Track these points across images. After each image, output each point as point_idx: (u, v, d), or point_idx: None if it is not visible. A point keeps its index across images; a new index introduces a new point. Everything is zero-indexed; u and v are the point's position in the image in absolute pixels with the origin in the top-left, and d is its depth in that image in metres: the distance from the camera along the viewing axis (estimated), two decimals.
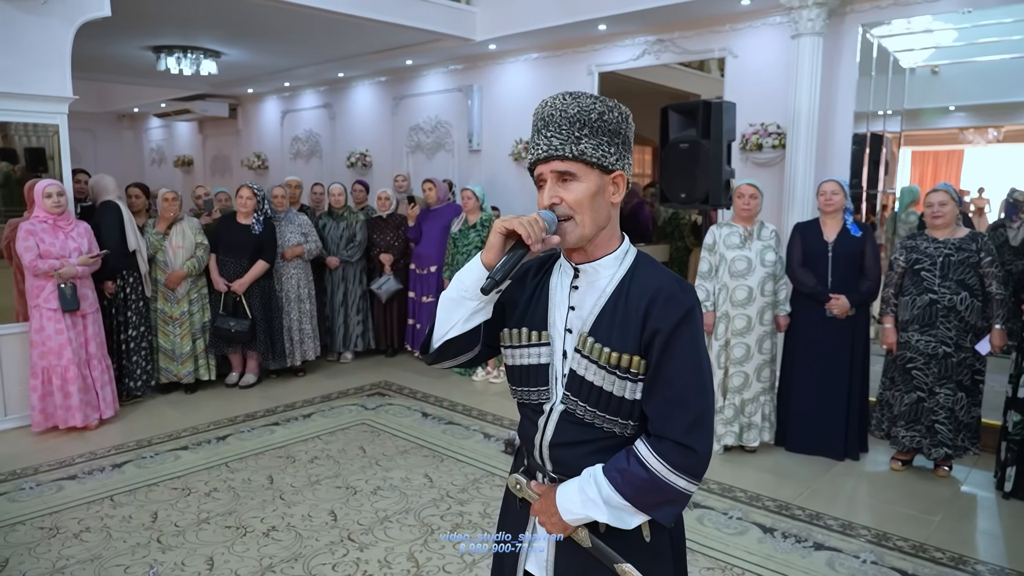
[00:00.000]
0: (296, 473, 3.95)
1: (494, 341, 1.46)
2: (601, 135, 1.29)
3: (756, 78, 5.64)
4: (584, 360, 1.32)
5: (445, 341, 1.37)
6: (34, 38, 4.38)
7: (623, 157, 1.34)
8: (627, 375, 1.29)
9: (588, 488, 1.30)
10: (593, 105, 1.30)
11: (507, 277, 1.27)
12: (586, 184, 1.29)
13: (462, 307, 1.33)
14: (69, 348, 4.38)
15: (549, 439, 1.38)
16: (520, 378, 1.43)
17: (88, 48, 6.98)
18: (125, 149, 13.95)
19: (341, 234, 6.04)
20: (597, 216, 1.31)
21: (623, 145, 1.33)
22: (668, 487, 1.26)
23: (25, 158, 4.66)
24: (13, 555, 3.08)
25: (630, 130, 1.36)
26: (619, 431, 1.34)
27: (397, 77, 8.62)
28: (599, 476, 1.30)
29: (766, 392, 4.20)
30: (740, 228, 4.12)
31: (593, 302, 1.35)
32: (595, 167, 1.30)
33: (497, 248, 1.28)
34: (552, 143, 1.29)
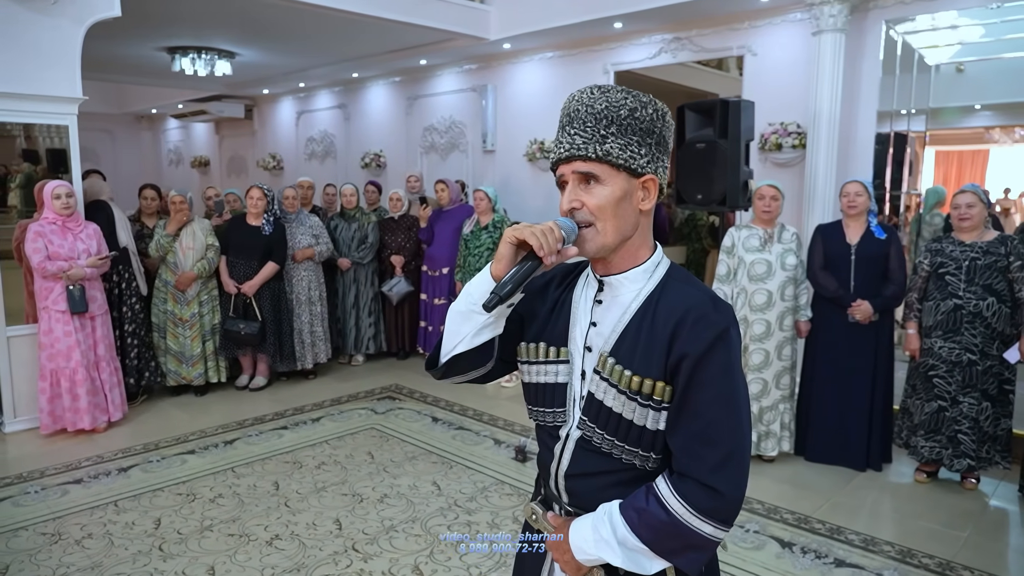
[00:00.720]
0: (302, 479, 3.88)
1: (510, 356, 1.34)
2: (631, 134, 1.16)
3: (776, 76, 5.50)
4: (603, 383, 1.20)
5: (453, 356, 1.25)
6: (44, 39, 4.36)
7: (656, 159, 1.19)
8: (649, 402, 1.16)
9: (602, 527, 1.18)
10: (624, 100, 1.17)
11: (514, 292, 1.14)
12: (611, 188, 1.16)
13: (470, 321, 1.21)
14: (78, 350, 4.36)
15: (565, 468, 1.27)
16: (536, 397, 1.31)
17: (103, 49, 7.00)
18: (143, 150, 14.05)
19: (353, 236, 5.98)
20: (622, 224, 1.18)
21: (657, 146, 1.19)
22: (690, 532, 1.12)
23: (47, 159, 4.65)
24: (13, 562, 3.04)
25: (667, 130, 1.21)
26: (640, 464, 1.20)
27: (411, 77, 8.56)
28: (615, 514, 1.18)
29: (785, 400, 4.07)
30: (760, 230, 3.99)
31: (616, 319, 1.22)
32: (622, 169, 1.17)
33: (507, 259, 1.15)
34: (575, 142, 1.17)
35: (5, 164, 4.73)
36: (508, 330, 1.30)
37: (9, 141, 4.63)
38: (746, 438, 1.14)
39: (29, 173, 4.64)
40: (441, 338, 1.27)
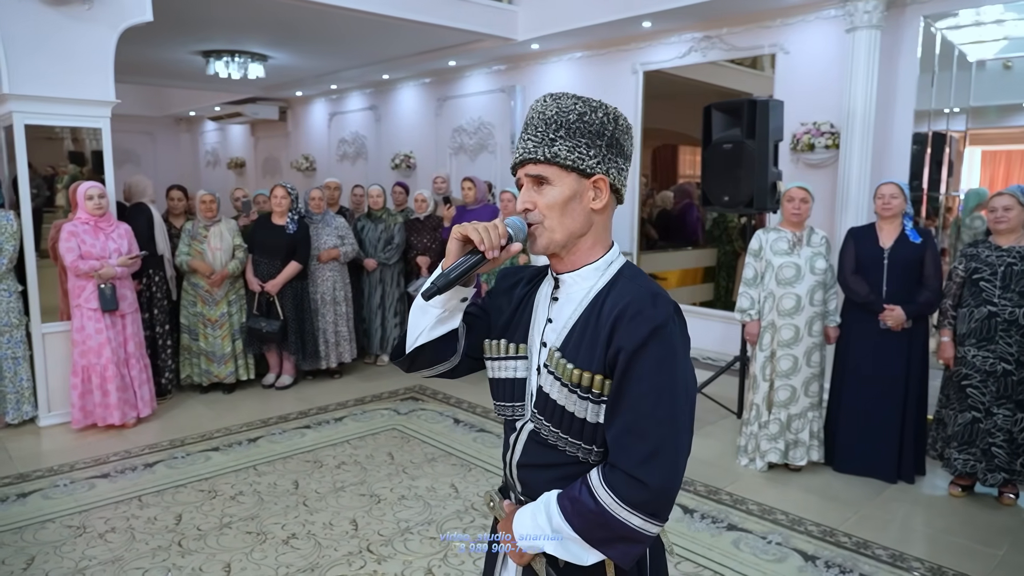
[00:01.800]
0: (322, 479, 3.90)
1: (478, 353, 1.40)
2: (579, 137, 1.21)
3: (808, 75, 5.37)
4: (550, 377, 1.24)
5: (415, 348, 1.32)
6: (79, 44, 4.46)
7: (607, 160, 1.24)
8: (588, 395, 1.19)
9: (539, 515, 1.23)
10: (573, 106, 1.22)
11: (452, 284, 1.20)
12: (560, 188, 1.22)
13: (427, 314, 1.29)
14: (108, 347, 4.45)
15: (517, 459, 1.32)
16: (498, 392, 1.37)
17: (140, 53, 7.16)
18: (182, 151, 14.35)
19: (379, 236, 6.01)
20: (570, 223, 1.23)
21: (608, 148, 1.24)
22: (618, 523, 1.14)
23: (92, 160, 4.76)
24: (39, 553, 3.10)
25: (620, 132, 1.25)
26: (583, 456, 1.24)
27: (441, 78, 8.58)
28: (551, 503, 1.22)
29: (814, 408, 3.95)
30: (788, 233, 3.89)
31: (568, 315, 1.26)
32: (571, 171, 1.22)
33: (453, 254, 1.22)
34: (527, 146, 1.24)
35: (53, 165, 4.86)
36: (476, 328, 1.38)
37: (57, 143, 4.76)
38: (680, 433, 1.15)
39: (75, 174, 4.76)
40: (406, 331, 1.33)
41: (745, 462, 4.05)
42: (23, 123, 4.36)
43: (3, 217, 4.42)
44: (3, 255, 4.38)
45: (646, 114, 6.67)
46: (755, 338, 3.97)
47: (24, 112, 4.35)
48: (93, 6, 4.46)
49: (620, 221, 6.86)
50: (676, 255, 7.41)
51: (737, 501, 3.62)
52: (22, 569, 2.97)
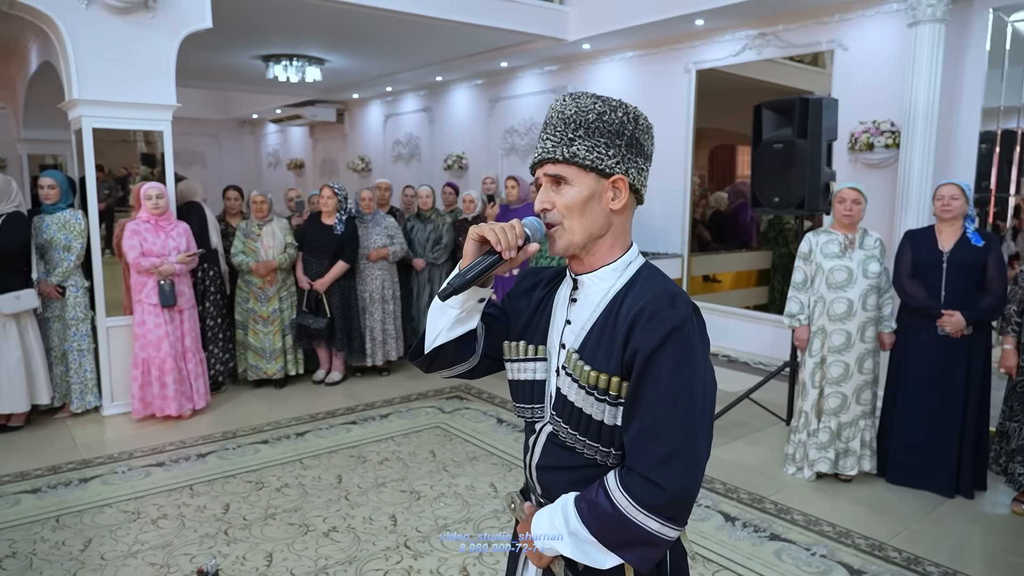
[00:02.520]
0: (364, 474, 3.97)
1: (497, 354, 1.40)
2: (598, 136, 1.20)
3: (868, 72, 5.19)
4: (568, 379, 1.23)
5: (433, 348, 1.32)
6: (142, 50, 4.66)
7: (627, 160, 1.22)
8: (606, 397, 1.18)
9: (556, 517, 1.22)
10: (592, 105, 1.21)
11: (469, 284, 1.20)
12: (578, 188, 1.21)
13: (445, 315, 1.29)
14: (167, 341, 4.63)
15: (536, 461, 1.32)
16: (517, 394, 1.36)
17: (203, 58, 7.43)
18: (245, 153, 14.84)
19: (428, 236, 6.08)
20: (589, 223, 1.22)
21: (628, 147, 1.22)
22: (635, 526, 1.13)
23: (162, 162, 4.97)
24: (96, 536, 3.26)
25: (640, 132, 1.24)
26: (600, 459, 1.23)
27: (493, 80, 8.63)
28: (568, 505, 1.21)
29: (866, 416, 3.81)
30: (840, 235, 3.76)
31: (586, 317, 1.25)
32: (590, 170, 1.21)
33: (470, 255, 1.22)
34: (546, 146, 1.23)
35: (126, 167, 5.10)
36: (495, 329, 1.38)
37: (131, 146, 5.00)
38: (698, 435, 1.13)
39: (145, 175, 4.98)
40: (425, 331, 1.33)
41: (792, 471, 3.93)
42: (91, 127, 4.58)
43: (73, 216, 4.65)
44: (71, 252, 4.61)
45: (700, 114, 6.56)
46: (804, 344, 3.86)
47: (92, 116, 4.57)
48: (156, 14, 4.65)
49: (670, 222, 6.77)
50: (729, 257, 7.26)
51: (782, 510, 3.52)
52: (79, 550, 3.12)
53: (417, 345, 1.36)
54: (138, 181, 4.91)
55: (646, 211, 7.01)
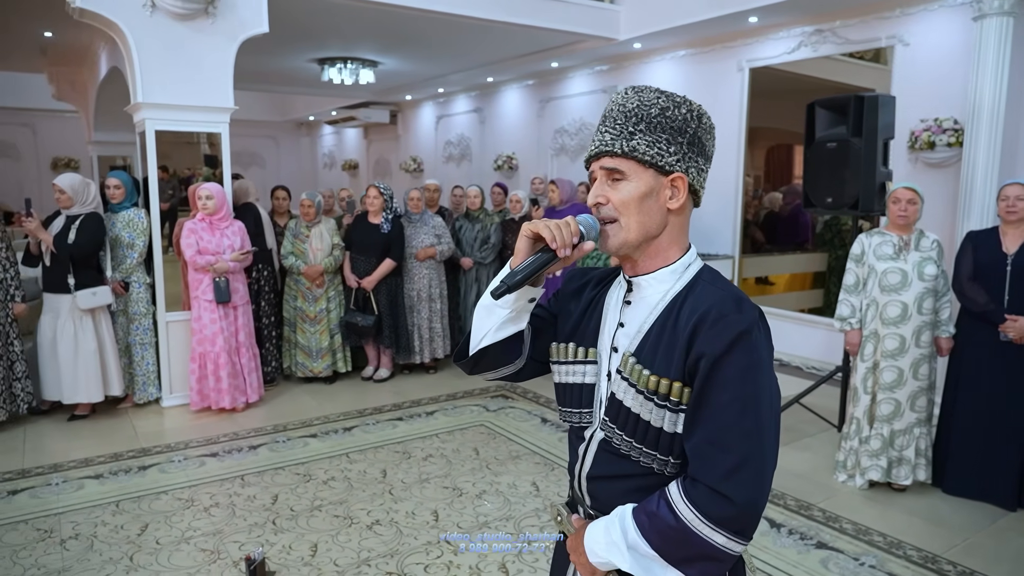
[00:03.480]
0: (409, 469, 4.03)
1: (543, 356, 1.35)
2: (660, 132, 1.16)
3: (930, 68, 5.01)
4: (623, 382, 1.18)
5: (479, 349, 1.28)
6: (202, 54, 4.83)
7: (687, 159, 1.18)
8: (666, 403, 1.13)
9: (613, 530, 1.16)
10: (655, 100, 1.17)
11: (523, 283, 1.16)
12: (636, 184, 1.16)
13: (493, 314, 1.25)
14: (221, 336, 4.79)
15: (587, 470, 1.26)
16: (565, 398, 1.31)
17: (261, 62, 7.65)
18: (302, 154, 15.21)
19: (476, 236, 6.13)
20: (645, 221, 1.17)
21: (689, 145, 1.18)
22: (700, 540, 1.07)
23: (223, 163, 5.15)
24: (152, 521, 3.40)
25: (703, 131, 1.20)
26: (658, 468, 1.17)
27: (543, 80, 8.64)
28: (627, 518, 1.15)
29: (922, 424, 3.68)
30: (894, 237, 3.64)
31: (643, 319, 1.20)
32: (649, 166, 1.16)
33: (523, 252, 1.18)
34: (604, 138, 1.18)
35: (191, 168, 5.31)
36: (542, 330, 1.33)
37: (195, 147, 5.21)
38: (766, 445, 1.08)
39: (207, 176, 5.17)
40: (471, 331, 1.30)
41: (843, 478, 3.83)
42: (153, 129, 4.77)
43: (136, 215, 4.86)
44: (134, 250, 4.81)
45: (754, 113, 6.44)
46: (856, 348, 3.75)
47: (154, 119, 4.76)
48: (216, 20, 4.82)
49: (721, 223, 6.66)
50: (782, 259, 7.10)
51: (830, 518, 3.43)
52: (136, 535, 3.26)
53: (462, 346, 1.32)
54: (199, 181, 5.09)
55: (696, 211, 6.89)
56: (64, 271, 4.50)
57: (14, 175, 11.91)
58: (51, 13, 5.68)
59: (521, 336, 1.29)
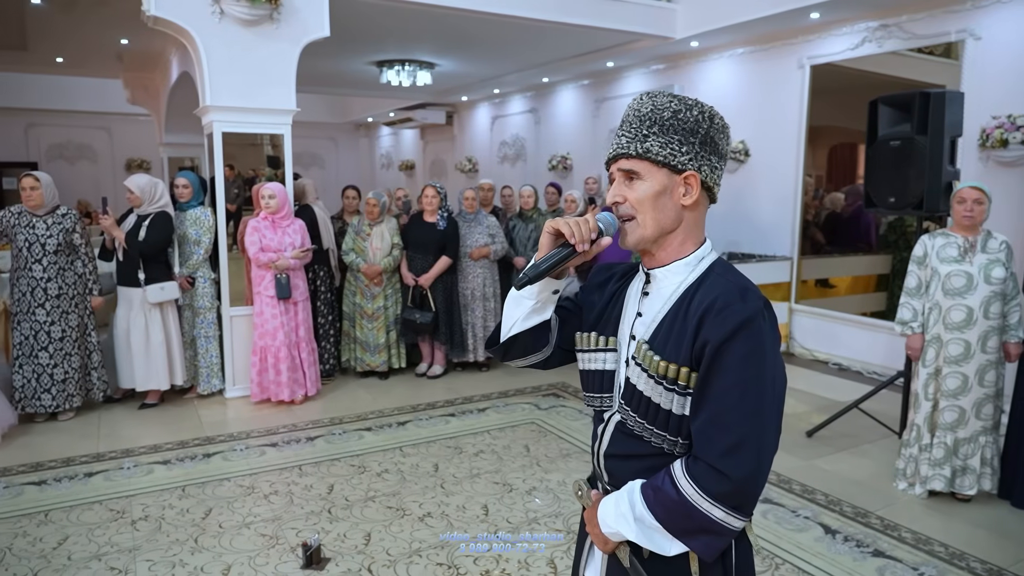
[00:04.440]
0: (460, 464, 4.10)
1: (570, 345, 1.45)
2: (672, 133, 1.24)
3: (1003, 63, 4.81)
4: (637, 368, 1.27)
5: (509, 337, 1.40)
6: (266, 58, 5.00)
7: (699, 157, 1.25)
8: (674, 387, 1.21)
9: (622, 503, 1.26)
10: (668, 103, 1.25)
11: (543, 275, 1.27)
12: (650, 183, 1.25)
13: (520, 305, 1.36)
14: (282, 331, 4.96)
15: (604, 449, 1.36)
16: (588, 383, 1.41)
17: (322, 65, 7.86)
18: (360, 155, 15.53)
19: (529, 235, 6.17)
20: (661, 217, 1.25)
21: (702, 145, 1.25)
22: (701, 514, 1.16)
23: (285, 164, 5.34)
24: (215, 506, 3.55)
25: (716, 131, 1.27)
26: (668, 448, 1.26)
27: (599, 80, 8.62)
28: (635, 492, 1.25)
29: (987, 432, 3.54)
30: (959, 238, 3.52)
31: (658, 309, 1.29)
32: (662, 166, 1.24)
33: (545, 247, 1.29)
34: (621, 141, 1.28)
35: (254, 168, 5.52)
36: (568, 321, 1.44)
37: (259, 148, 5.40)
38: (766, 427, 1.15)
39: (270, 176, 5.36)
40: (501, 320, 1.41)
41: (903, 486, 3.71)
42: (220, 130, 4.97)
43: (203, 213, 5.07)
44: (200, 247, 5.02)
45: (816, 111, 6.29)
46: (917, 353, 3.64)
47: (221, 121, 4.96)
48: (280, 25, 4.98)
49: (779, 224, 6.53)
50: (843, 261, 6.90)
51: (888, 527, 3.34)
52: (201, 518, 3.41)
53: (493, 333, 1.43)
54: (262, 181, 5.28)
55: (753, 212, 6.79)
56: (135, 267, 4.73)
57: (92, 175, 12.55)
58: (128, 21, 5.97)
59: (548, 326, 1.40)
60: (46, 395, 4.60)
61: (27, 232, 4.50)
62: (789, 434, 4.37)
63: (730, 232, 6.86)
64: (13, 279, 4.59)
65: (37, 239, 4.51)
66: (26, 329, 4.55)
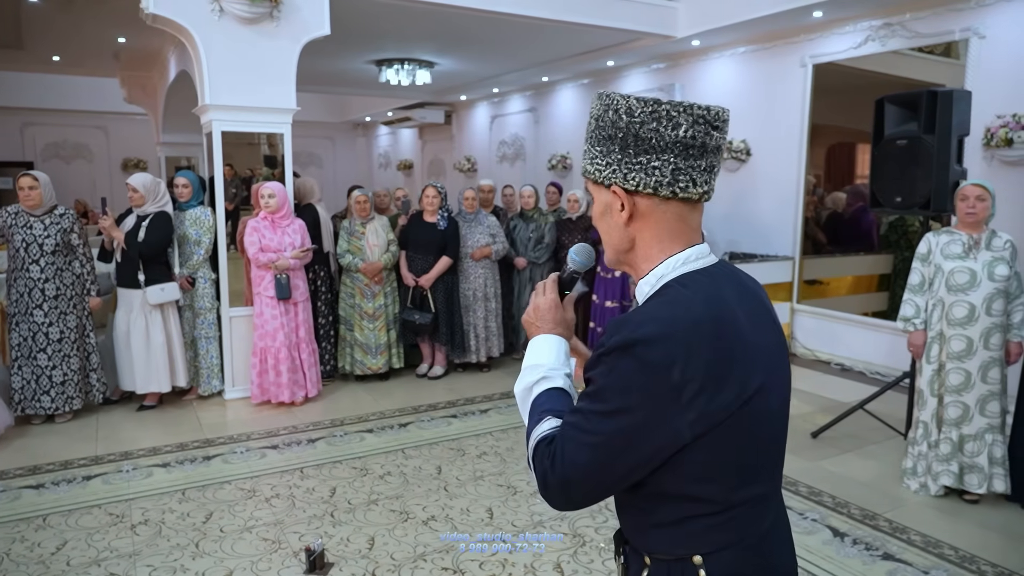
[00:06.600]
0: (463, 466, 4.06)
1: None
2: (596, 144, 1.12)
3: (1008, 61, 4.78)
4: None
5: None
6: (266, 57, 4.96)
7: (622, 164, 1.09)
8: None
9: (538, 370, 1.24)
10: (594, 109, 1.14)
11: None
12: (597, 203, 1.17)
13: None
14: (282, 332, 4.91)
15: None
16: None
17: (321, 64, 7.81)
18: (358, 154, 15.47)
19: (530, 235, 6.13)
20: (609, 239, 1.17)
21: (622, 149, 1.08)
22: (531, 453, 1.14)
23: (283, 163, 5.30)
24: (216, 510, 3.50)
25: (636, 124, 1.07)
26: None
27: (599, 79, 8.58)
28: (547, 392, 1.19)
29: (994, 430, 3.51)
30: (963, 235, 3.50)
31: None
32: (596, 183, 1.15)
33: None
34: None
35: (252, 168, 5.47)
36: None
37: (256, 148, 5.36)
38: (580, 438, 1.06)
39: (267, 175, 5.31)
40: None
41: (915, 487, 3.68)
42: (220, 129, 4.92)
43: (203, 213, 5.02)
44: (200, 247, 4.97)
45: (817, 110, 6.26)
46: (920, 349, 3.62)
47: (220, 120, 4.91)
48: (280, 23, 4.94)
49: (781, 223, 6.50)
50: (845, 261, 6.87)
51: (897, 529, 3.31)
52: (202, 522, 3.37)
53: None
54: (260, 181, 5.23)
55: (754, 212, 6.76)
56: (134, 268, 4.68)
57: (88, 175, 12.47)
58: (125, 19, 5.92)
59: None
60: (45, 397, 4.55)
61: (24, 232, 4.45)
62: (794, 436, 4.34)
63: (731, 232, 6.83)
64: (10, 280, 4.54)
65: (35, 239, 4.46)
66: (24, 331, 4.50)
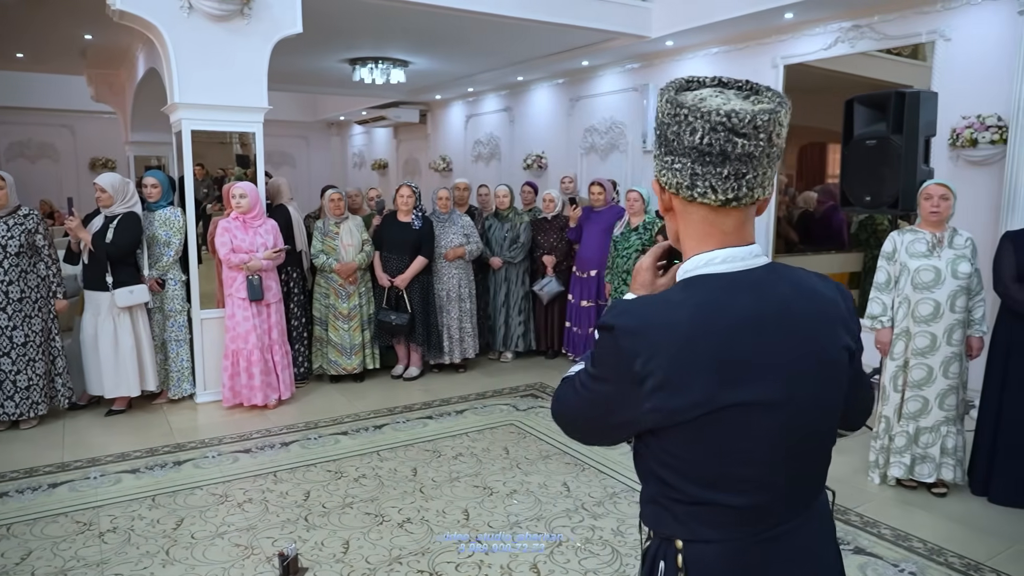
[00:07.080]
0: (439, 468, 4.04)
1: None
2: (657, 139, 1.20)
3: (972, 63, 4.88)
4: None
5: None
6: (237, 55, 4.89)
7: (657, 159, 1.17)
8: None
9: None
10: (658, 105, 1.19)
11: None
12: None
13: None
14: (254, 334, 4.84)
15: None
16: None
17: (294, 63, 7.73)
18: (333, 154, 15.34)
19: (505, 235, 6.12)
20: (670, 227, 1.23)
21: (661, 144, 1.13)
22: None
23: (255, 163, 5.22)
24: (187, 516, 3.44)
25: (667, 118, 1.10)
26: None
27: (573, 79, 8.60)
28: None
29: (950, 423, 3.59)
30: (927, 234, 3.56)
31: None
32: None
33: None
34: None
35: (223, 168, 5.39)
36: None
37: (228, 147, 5.28)
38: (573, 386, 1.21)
39: (239, 175, 5.23)
40: None
41: (877, 480, 3.76)
42: (190, 128, 4.84)
43: (172, 213, 4.94)
44: (171, 248, 4.89)
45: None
46: (886, 347, 3.68)
47: (190, 119, 4.83)
48: (251, 21, 4.87)
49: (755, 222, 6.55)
50: (816, 259, 6.96)
51: (867, 523, 3.36)
52: (172, 529, 3.31)
53: None
54: (232, 181, 5.16)
55: None
56: (102, 269, 4.58)
57: (54, 175, 12.20)
58: (91, 16, 5.80)
59: None
60: (9, 403, 4.44)
61: None
62: None
63: None
64: None
65: None
66: None
